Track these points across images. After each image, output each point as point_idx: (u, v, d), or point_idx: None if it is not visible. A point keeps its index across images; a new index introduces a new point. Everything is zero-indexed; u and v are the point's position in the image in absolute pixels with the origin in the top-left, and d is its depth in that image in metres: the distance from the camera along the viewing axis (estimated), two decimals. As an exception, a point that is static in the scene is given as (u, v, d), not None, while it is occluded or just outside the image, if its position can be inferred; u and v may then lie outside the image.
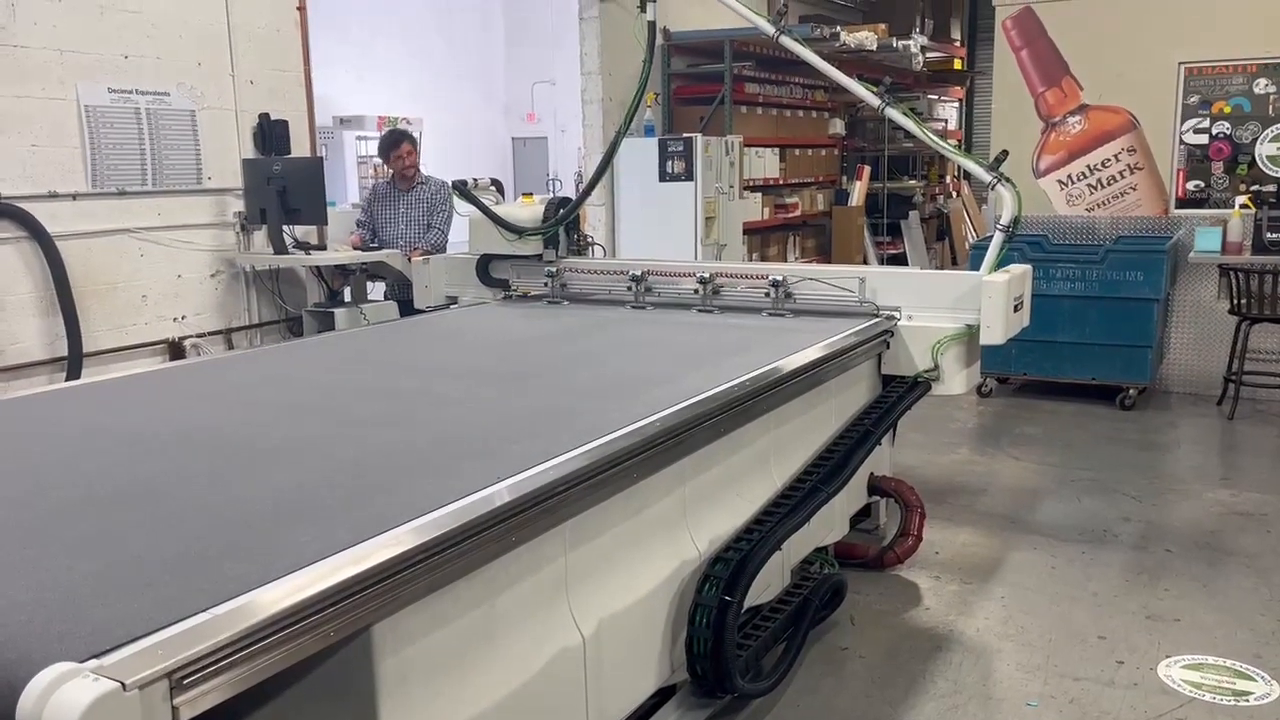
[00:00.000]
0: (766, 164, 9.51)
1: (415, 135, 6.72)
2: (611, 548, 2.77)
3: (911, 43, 10.89)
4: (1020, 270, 4.37)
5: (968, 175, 14.69)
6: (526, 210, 5.16)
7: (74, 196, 5.37)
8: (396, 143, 6.62)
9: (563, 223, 5.01)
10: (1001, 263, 4.32)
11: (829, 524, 3.95)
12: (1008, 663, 3.60)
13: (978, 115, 14.29)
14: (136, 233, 5.66)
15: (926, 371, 4.15)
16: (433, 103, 18.66)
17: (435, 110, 17.69)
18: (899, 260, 11.62)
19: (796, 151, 10.18)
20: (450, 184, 6.71)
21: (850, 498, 4.19)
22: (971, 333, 4.14)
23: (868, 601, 4.07)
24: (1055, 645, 3.70)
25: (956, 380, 4.23)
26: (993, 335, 4.15)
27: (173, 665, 1.57)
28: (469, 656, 2.31)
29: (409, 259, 6.40)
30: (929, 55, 11.98)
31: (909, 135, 12.35)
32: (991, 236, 4.33)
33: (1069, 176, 7.59)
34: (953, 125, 14.24)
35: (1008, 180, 4.26)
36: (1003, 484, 5.52)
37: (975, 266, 7.35)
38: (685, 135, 8.09)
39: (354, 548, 1.98)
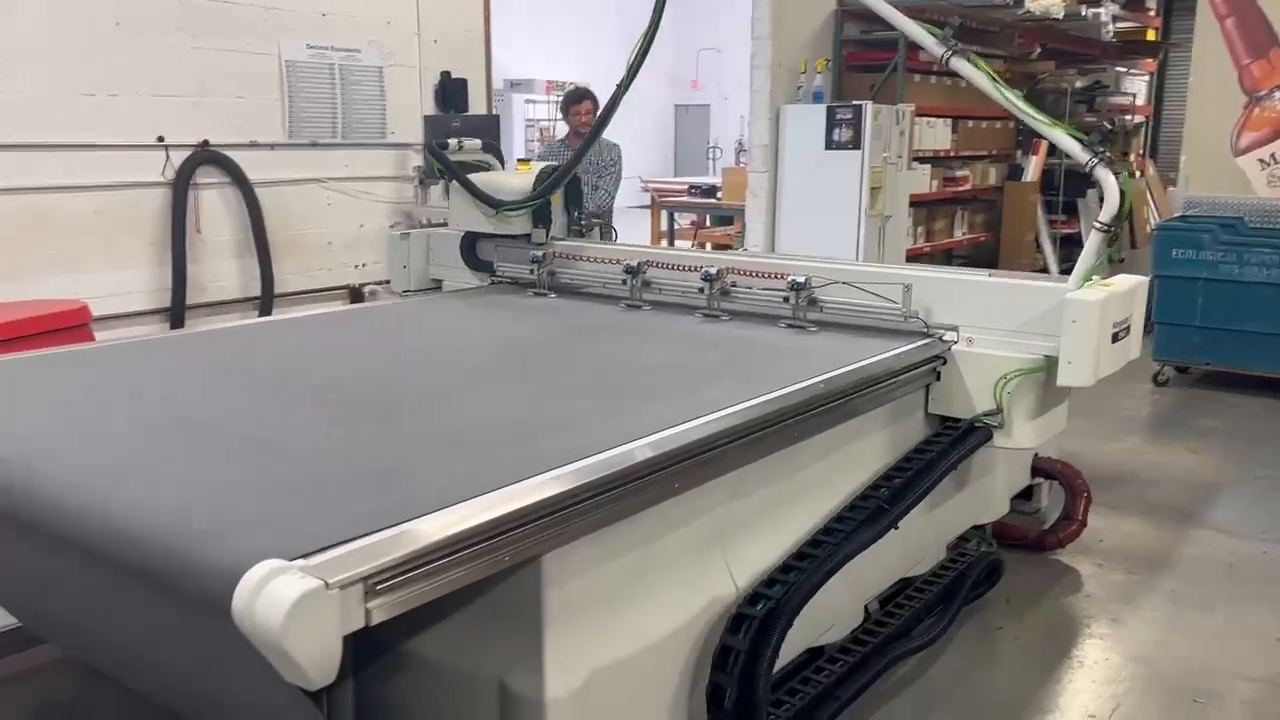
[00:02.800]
0: (938, 135, 9.22)
1: (598, 98, 6.82)
2: (767, 505, 2.80)
3: (1102, 10, 10.32)
4: (1127, 285, 3.37)
5: (1154, 152, 13.87)
6: (516, 180, 4.31)
7: (272, 146, 5.72)
8: (579, 99, 6.77)
9: (547, 195, 4.18)
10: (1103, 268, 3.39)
11: (986, 502, 3.86)
12: (1174, 656, 3.45)
13: (1169, 90, 13.44)
14: (325, 183, 6.00)
15: (986, 415, 3.28)
16: (599, 69, 18.87)
17: (601, 76, 17.89)
18: (1074, 242, 11.10)
19: (970, 123, 9.82)
20: (615, 146, 6.82)
21: (1012, 477, 4.08)
22: (1048, 368, 3.24)
23: (1025, 584, 3.96)
24: (1227, 644, 3.52)
25: (1025, 429, 3.33)
26: (1076, 374, 3.16)
27: (369, 570, 1.70)
28: (628, 595, 2.39)
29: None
30: (1119, 25, 11.32)
31: (1093, 108, 11.76)
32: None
33: (1272, 156, 7.07)
34: (1141, 100, 13.44)
35: (1111, 163, 3.32)
36: (1176, 476, 5.25)
37: (1160, 251, 7.04)
38: (854, 103, 7.92)
39: (530, 479, 2.08)
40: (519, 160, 4.68)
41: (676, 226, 12.22)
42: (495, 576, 2.06)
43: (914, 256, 8.63)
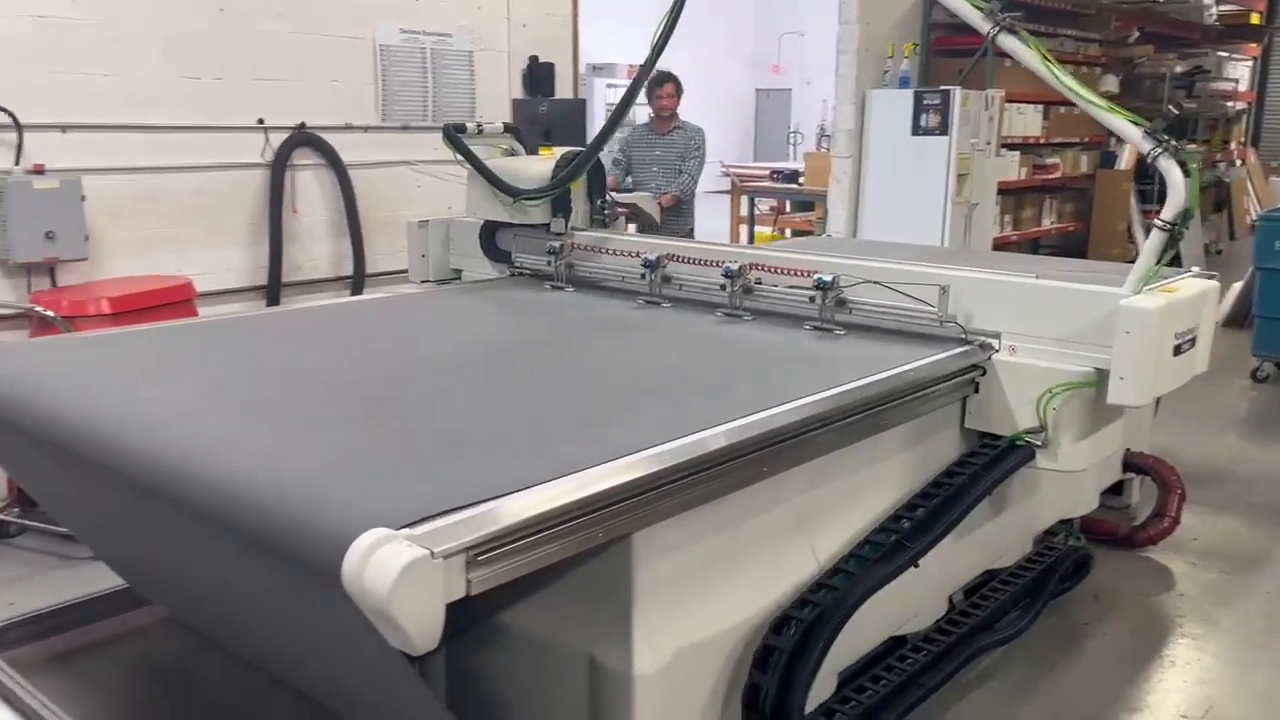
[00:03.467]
0: (1028, 121, 9.02)
1: (680, 81, 6.83)
2: (849, 492, 2.79)
3: (1205, -7, 9.97)
4: (1194, 290, 3.06)
5: (1256, 140, 13.37)
6: (537, 166, 4.06)
7: (365, 129, 5.86)
8: (661, 82, 6.78)
9: (565, 184, 3.91)
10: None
11: (1074, 496, 3.79)
12: (1271, 659, 3.36)
13: (1273, 75, 12.93)
14: (416, 165, 6.11)
15: (1028, 433, 2.98)
16: (683, 53, 18.81)
17: (682, 60, 17.86)
18: (1168, 231, 10.76)
19: (1062, 109, 9.57)
20: (699, 130, 6.82)
21: (1103, 471, 4.00)
22: (1099, 382, 2.91)
23: (1113, 580, 3.89)
24: (1328, 649, 3.42)
25: (1072, 450, 2.99)
26: (1128, 391, 2.81)
27: (471, 541, 1.75)
28: (714, 576, 2.42)
29: (659, 203, 6.57)
30: (1222, 7, 10.92)
31: (1192, 95, 11.35)
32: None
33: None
34: (1244, 86, 12.95)
35: (1177, 152, 2.90)
36: (1275, 475, 5.08)
37: (1261, 242, 6.79)
38: (943, 88, 7.79)
39: (623, 459, 2.11)
40: (542, 145, 4.41)
41: (757, 212, 12.15)
42: (587, 553, 2.10)
43: (1000, 245, 8.48)
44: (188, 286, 4.64)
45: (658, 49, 3.84)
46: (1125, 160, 10.23)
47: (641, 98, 8.20)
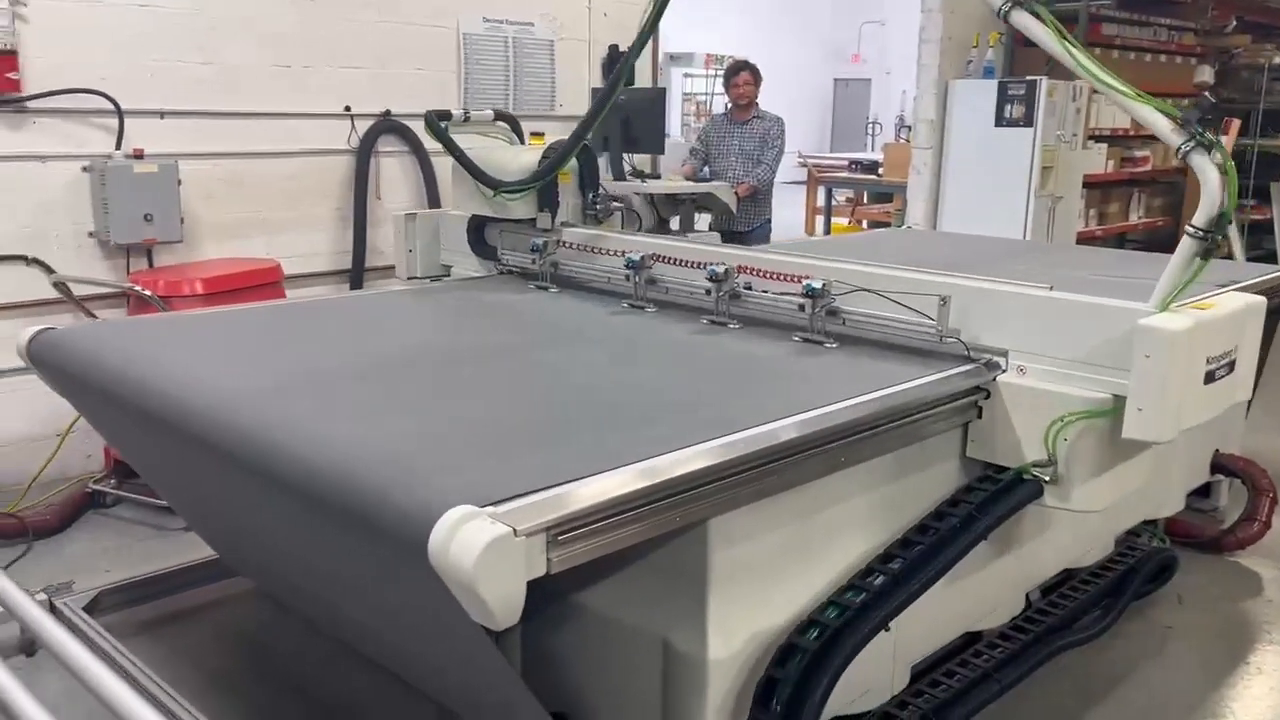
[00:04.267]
0: (1117, 112, 8.77)
1: (758, 70, 6.80)
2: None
3: (1309, -22, 9.58)
4: (1233, 306, 2.71)
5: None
6: (522, 156, 3.80)
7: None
8: (737, 71, 6.78)
9: (545, 176, 3.65)
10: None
11: (1160, 496, 3.71)
12: (1364, 672, 3.26)
13: (1383, 66, 12.35)
14: (495, 153, 6.19)
15: (1036, 466, 2.61)
16: (758, 42, 18.70)
17: (760, 50, 17.73)
18: (1264, 229, 10.39)
19: (1189, 100, 9.32)
20: (778, 120, 6.78)
21: (1190, 472, 3.90)
22: (1117, 411, 2.52)
23: (1199, 583, 3.79)
24: None
25: (1086, 489, 2.60)
26: (1147, 424, 2.44)
27: (552, 521, 1.79)
28: (789, 564, 2.42)
29: (736, 192, 6.55)
30: (1328, -6, 10.47)
31: (1293, 86, 10.89)
32: None
33: None
34: (1348, 77, 12.40)
35: (1212, 147, 2.50)
36: (1374, 482, 4.89)
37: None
38: (1028, 78, 7.63)
39: (702, 444, 2.11)
40: (532, 134, 4.19)
41: (834, 203, 12.05)
42: (664, 537, 2.13)
43: (1085, 240, 8.29)
44: (276, 269, 4.77)
45: (644, 33, 3.56)
46: (1219, 153, 9.90)
47: (719, 87, 8.14)
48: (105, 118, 4.69)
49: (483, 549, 1.65)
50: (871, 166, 11.75)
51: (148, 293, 4.21)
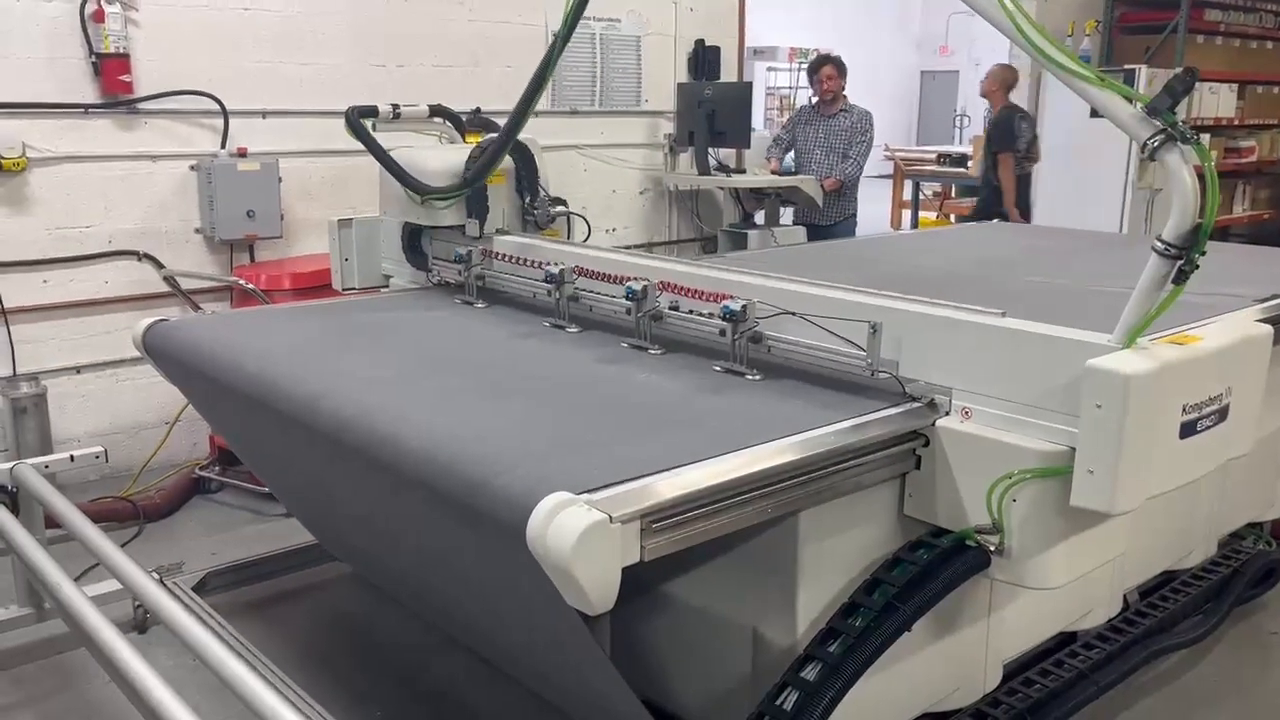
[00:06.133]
0: (1221, 101, 8.47)
1: (843, 63, 6.75)
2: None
3: None
4: (1225, 339, 2.22)
5: None
6: (446, 157, 3.48)
7: (536, 114, 5.99)
8: (821, 65, 6.75)
9: (475, 182, 3.32)
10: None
11: (1265, 497, 3.58)
12: None
13: None
14: (582, 149, 6.24)
15: (981, 531, 2.18)
16: (846, 34, 18.47)
17: (847, 42, 17.51)
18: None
19: (1260, 89, 8.95)
20: (866, 114, 6.70)
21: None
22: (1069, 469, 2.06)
23: (1307, 589, 3.65)
24: None
25: (1043, 562, 2.17)
26: (1101, 490, 1.98)
27: (646, 509, 1.81)
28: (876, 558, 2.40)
29: (823, 186, 6.52)
30: None
31: None
32: None
33: None
34: None
35: (1185, 140, 2.02)
36: None
37: None
38: (1127, 67, 7.41)
39: (794, 437, 2.12)
40: (469, 132, 3.84)
41: (921, 197, 11.86)
42: (755, 528, 2.14)
43: (1186, 233, 8.00)
44: (369, 264, 4.89)
45: (569, 23, 3.26)
46: (1331, 142, 9.47)
47: (803, 81, 8.05)
48: (211, 118, 4.87)
49: (579, 535, 1.69)
50: (960, 160, 11.52)
51: (251, 286, 4.37)
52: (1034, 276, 3.52)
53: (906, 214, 11.88)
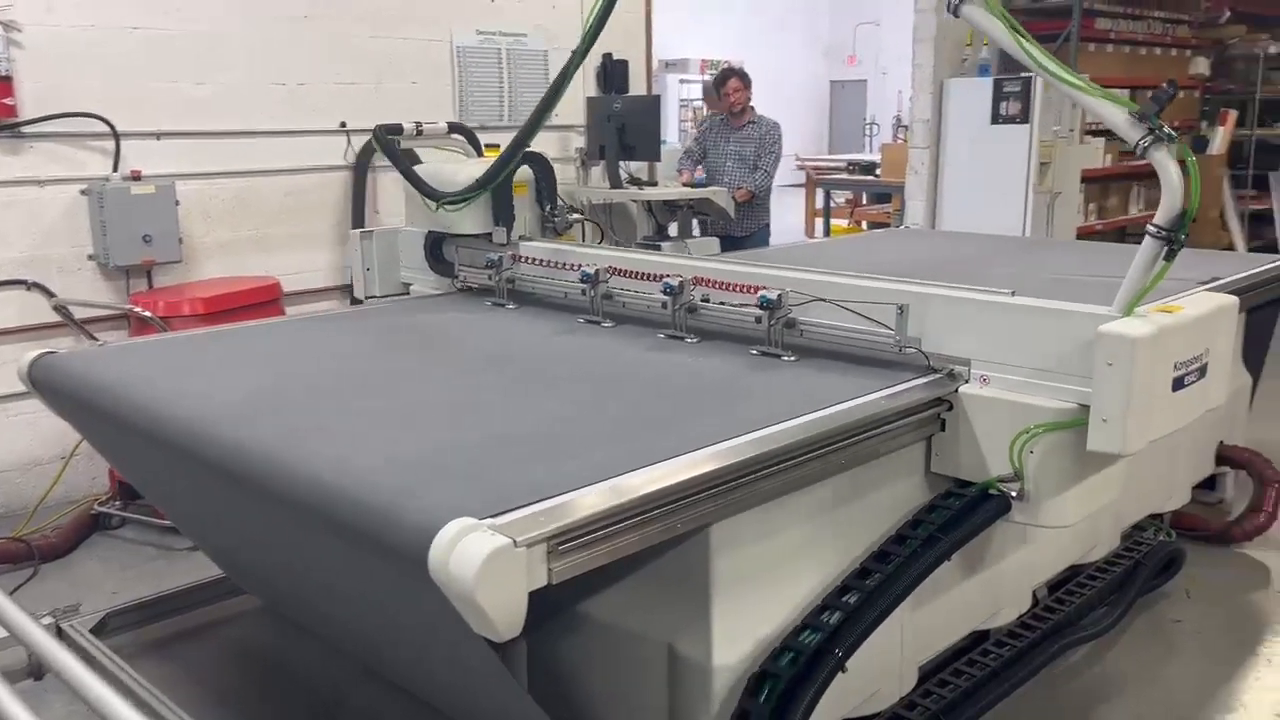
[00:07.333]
0: (1114, 107, 8.79)
1: (747, 74, 6.83)
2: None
3: (1302, -32, 9.58)
4: (1203, 308, 2.62)
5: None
6: (470, 169, 3.73)
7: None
8: (725, 79, 6.82)
9: (485, 187, 3.57)
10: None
11: (1166, 490, 3.70)
12: (1375, 661, 3.24)
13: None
14: (493, 164, 6.20)
15: (1002, 480, 2.52)
16: (755, 46, 18.74)
17: (757, 54, 17.76)
18: (1264, 219, 10.36)
19: (1150, 93, 9.28)
20: (775, 125, 6.79)
21: (1195, 464, 3.89)
22: (1084, 421, 2.42)
23: (1206, 576, 3.78)
24: None
25: (1056, 504, 2.52)
26: (1111, 437, 2.36)
27: (553, 531, 1.78)
28: (793, 568, 2.42)
29: (734, 197, 6.57)
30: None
31: (1290, 75, 10.87)
32: None
33: None
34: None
35: (1171, 141, 2.39)
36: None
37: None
38: (1024, 75, 7.63)
39: (702, 450, 2.12)
40: (486, 145, 4.07)
41: (833, 205, 12.06)
42: (666, 544, 2.12)
43: (1085, 234, 8.28)
44: (275, 287, 4.79)
45: (589, 38, 3.51)
46: (1218, 145, 9.90)
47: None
48: (102, 140, 4.71)
49: (483, 561, 1.65)
50: (869, 168, 11.77)
51: (148, 314, 4.23)
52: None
53: (820, 222, 12.07)
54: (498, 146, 3.94)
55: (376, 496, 1.93)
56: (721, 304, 3.03)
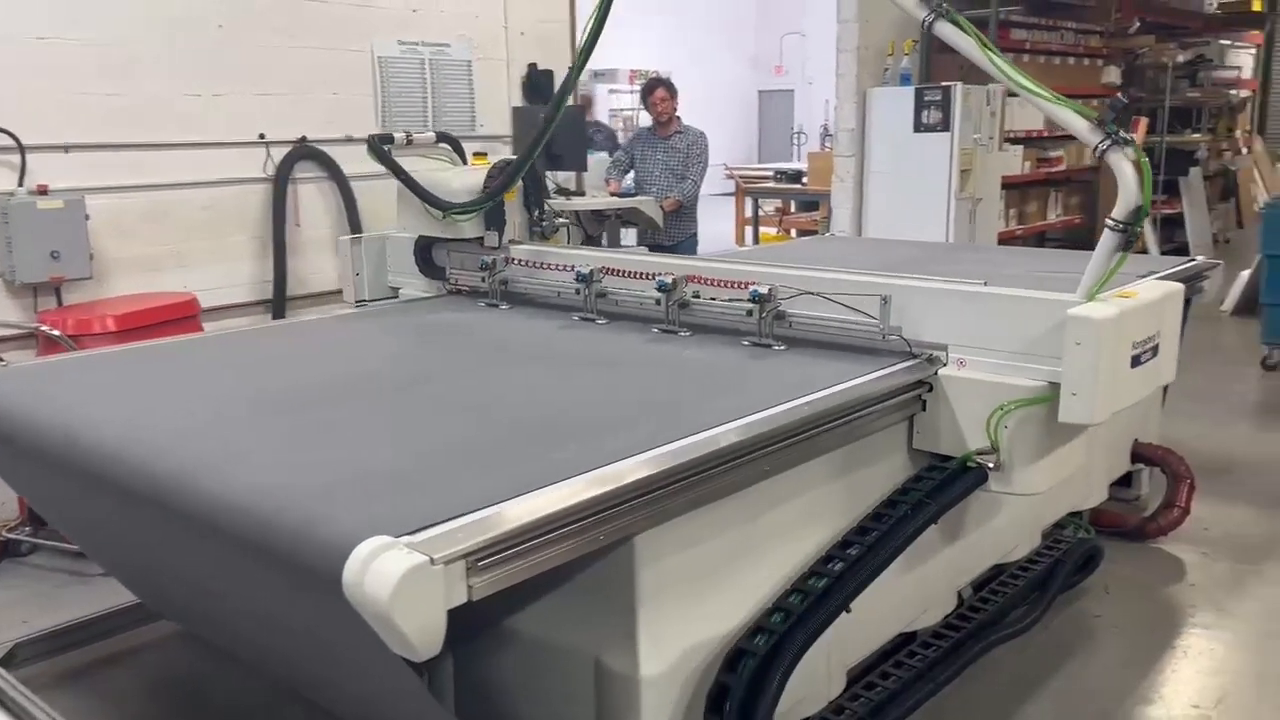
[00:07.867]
0: (1030, 114, 8.98)
1: (673, 84, 6.86)
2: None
3: (1205, -19, 9.95)
4: (1154, 294, 2.90)
5: (1262, 128, 13.30)
6: (467, 177, 3.90)
7: (355, 140, 5.87)
8: (651, 89, 6.84)
9: (494, 197, 3.78)
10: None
11: (1084, 489, 3.79)
12: (1283, 649, 3.35)
13: (1278, 62, 12.87)
14: (417, 174, 6.11)
15: (980, 454, 2.75)
16: (683, 56, 18.84)
17: (685, 64, 17.88)
18: (1176, 222, 10.71)
19: (1108, 103, 9.55)
20: (701, 135, 6.82)
21: (1111, 462, 3.99)
22: (1053, 397, 2.69)
23: (1125, 572, 3.87)
24: (1342, 636, 3.40)
25: (1029, 473, 2.79)
26: (1080, 409, 2.62)
27: (471, 547, 1.76)
28: (721, 576, 2.42)
29: (662, 206, 6.58)
30: (1225, -5, 10.90)
31: (1195, 84, 11.31)
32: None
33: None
34: (1247, 74, 12.89)
35: (1127, 144, 2.65)
36: (1287, 464, 5.06)
37: (1269, 229, 6.77)
38: (944, 84, 7.78)
39: (624, 461, 2.11)
40: (474, 154, 4.25)
41: (761, 213, 12.16)
42: (590, 556, 2.11)
43: (1006, 239, 8.47)
44: (193, 302, 4.66)
45: (585, 51, 3.72)
46: (1129, 151, 10.20)
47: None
48: (6, 154, 4.54)
49: (398, 580, 1.62)
50: (796, 176, 11.87)
51: (55, 332, 4.09)
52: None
53: (749, 230, 12.16)
54: (484, 155, 4.18)
55: (292, 517, 1.89)
56: (713, 300, 3.24)
